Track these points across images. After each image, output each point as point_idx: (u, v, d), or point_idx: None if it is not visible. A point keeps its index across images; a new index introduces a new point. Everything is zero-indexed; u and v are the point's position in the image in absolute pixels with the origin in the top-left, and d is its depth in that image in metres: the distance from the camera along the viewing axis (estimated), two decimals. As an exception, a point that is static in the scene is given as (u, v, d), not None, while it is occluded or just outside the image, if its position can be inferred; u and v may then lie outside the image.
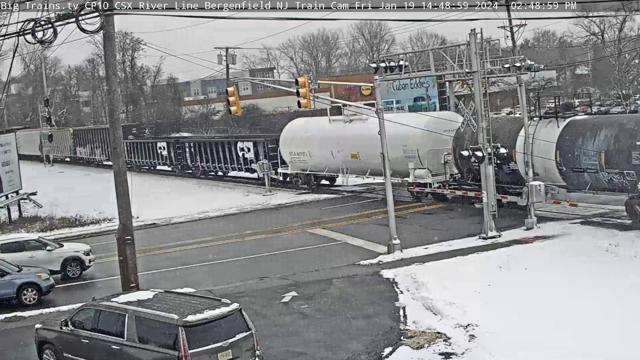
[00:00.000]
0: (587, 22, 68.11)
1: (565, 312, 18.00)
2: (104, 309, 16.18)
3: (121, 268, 21.17)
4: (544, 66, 53.04)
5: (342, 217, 35.00)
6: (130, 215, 21.49)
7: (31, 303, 23.64)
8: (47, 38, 19.46)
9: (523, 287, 20.41)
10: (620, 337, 16.15)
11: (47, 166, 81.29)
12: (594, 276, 20.70)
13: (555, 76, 75.43)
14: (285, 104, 68.87)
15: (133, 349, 15.10)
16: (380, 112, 27.39)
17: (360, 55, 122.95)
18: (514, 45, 51.58)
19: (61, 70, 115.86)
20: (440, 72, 33.39)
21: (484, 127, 27.42)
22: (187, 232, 34.96)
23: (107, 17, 20.03)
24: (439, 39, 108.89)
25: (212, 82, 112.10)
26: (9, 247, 26.71)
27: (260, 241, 31.18)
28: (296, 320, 19.87)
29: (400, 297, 21.02)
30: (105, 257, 28.12)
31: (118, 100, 23.58)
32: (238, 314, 15.35)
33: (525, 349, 16.11)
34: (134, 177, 23.51)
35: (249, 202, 41.89)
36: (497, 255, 24.60)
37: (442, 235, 28.44)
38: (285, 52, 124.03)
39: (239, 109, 35.38)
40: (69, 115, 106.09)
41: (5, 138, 43.74)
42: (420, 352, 16.77)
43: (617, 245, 23.81)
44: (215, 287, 23.59)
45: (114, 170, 21.52)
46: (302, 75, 32.08)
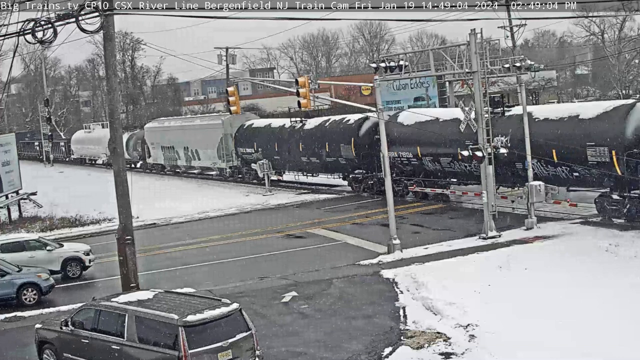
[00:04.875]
0: (587, 22, 68.07)
1: (565, 312, 18.00)
2: (104, 309, 16.17)
3: (121, 268, 21.17)
4: (544, 66, 53.06)
5: (342, 217, 35.01)
6: (130, 215, 21.49)
7: (31, 303, 23.64)
8: (47, 38, 19.46)
9: (523, 287, 20.41)
10: (620, 337, 16.15)
11: (47, 166, 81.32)
12: (594, 276, 20.68)
13: (555, 76, 75.36)
14: (285, 104, 68.77)
15: (133, 349, 15.10)
16: (380, 112, 27.40)
17: (360, 55, 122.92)
18: (514, 45, 51.60)
19: (61, 70, 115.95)
20: (440, 72, 33.40)
21: (484, 127, 27.42)
22: (187, 232, 34.98)
23: (107, 17, 20.03)
24: (439, 39, 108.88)
25: (212, 82, 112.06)
26: (9, 247, 26.71)
27: (260, 241, 31.19)
28: (296, 320, 19.86)
29: (400, 297, 21.02)
30: (105, 257, 28.12)
31: (118, 100, 23.59)
32: (238, 314, 15.35)
33: (525, 349, 16.11)
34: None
35: (249, 202, 41.93)
36: (497, 255, 24.60)
37: (442, 235, 28.44)
38: (285, 52, 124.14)
39: (239, 109, 35.48)
40: (69, 115, 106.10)
41: (5, 138, 43.81)
42: (420, 352, 16.76)
43: (617, 246, 23.79)
44: (215, 287, 23.60)
45: (114, 170, 21.52)
46: (302, 75, 32.10)
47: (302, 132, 44.80)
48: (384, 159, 27.38)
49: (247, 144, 49.27)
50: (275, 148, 46.60)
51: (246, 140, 49.50)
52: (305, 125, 44.84)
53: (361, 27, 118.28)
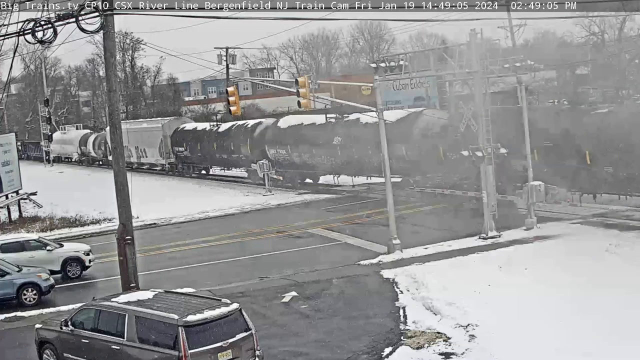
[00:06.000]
0: (587, 22, 68.02)
1: (565, 312, 17.99)
2: (104, 309, 16.17)
3: (121, 268, 21.13)
4: (543, 66, 52.93)
5: (342, 217, 35.02)
6: (130, 215, 21.46)
7: (31, 303, 23.66)
8: (47, 38, 19.43)
9: (523, 287, 20.39)
10: (621, 337, 16.14)
11: (47, 166, 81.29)
12: (594, 276, 20.66)
13: (555, 76, 75.20)
14: (285, 104, 68.83)
15: (133, 349, 15.09)
16: (380, 112, 27.39)
17: (360, 55, 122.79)
18: (514, 45, 51.55)
19: (61, 70, 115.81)
20: (440, 72, 33.34)
21: (484, 127, 27.41)
22: (187, 232, 34.98)
23: (107, 17, 20.00)
24: (439, 39, 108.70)
25: (212, 82, 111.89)
26: (9, 247, 26.73)
27: (260, 241, 31.19)
28: (296, 320, 19.87)
29: (400, 297, 21.02)
30: (105, 257, 28.11)
31: (118, 100, 23.55)
32: (238, 314, 15.35)
33: (525, 349, 16.11)
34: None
35: (249, 202, 41.92)
36: (497, 255, 24.59)
37: (442, 235, 28.42)
38: (285, 52, 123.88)
39: (239, 109, 35.33)
40: (68, 116, 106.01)
41: (6, 138, 43.78)
42: (420, 352, 16.77)
43: (618, 246, 23.80)
44: (215, 287, 23.59)
45: (114, 170, 21.49)
46: (302, 75, 32.03)
47: (216, 134, 53.74)
48: (384, 159, 27.33)
49: (180, 144, 58.94)
50: (198, 147, 56.20)
51: (179, 140, 59.01)
52: (220, 129, 53.97)
53: (361, 27, 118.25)
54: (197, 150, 56.47)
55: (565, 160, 28.65)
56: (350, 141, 39.99)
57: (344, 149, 40.84)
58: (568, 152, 28.49)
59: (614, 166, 27.19)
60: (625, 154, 26.41)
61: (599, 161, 27.51)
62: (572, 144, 28.21)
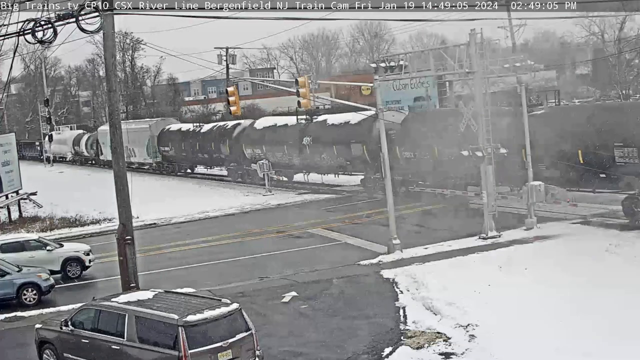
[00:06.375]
0: (587, 22, 68.05)
1: (565, 312, 17.98)
2: (104, 309, 16.17)
3: (121, 268, 21.13)
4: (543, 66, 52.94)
5: (342, 217, 35.02)
6: (130, 215, 21.46)
7: (31, 303, 23.65)
8: (47, 38, 19.42)
9: (523, 287, 20.38)
10: (621, 337, 16.14)
11: (46, 166, 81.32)
12: (594, 276, 20.66)
13: (555, 76, 75.17)
14: (285, 104, 68.83)
15: (133, 349, 15.09)
16: (380, 112, 27.39)
17: (360, 55, 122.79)
18: (513, 45, 51.53)
19: (61, 70, 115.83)
20: (440, 72, 33.33)
21: (484, 127, 27.40)
22: (187, 232, 34.98)
23: (107, 17, 20.00)
24: (439, 39, 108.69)
25: (212, 82, 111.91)
26: (9, 247, 26.72)
27: (260, 241, 31.19)
28: (296, 320, 19.87)
29: (400, 297, 21.02)
30: (105, 257, 28.11)
31: (118, 100, 23.53)
32: (238, 314, 15.35)
33: (525, 349, 16.11)
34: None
35: (249, 202, 41.94)
36: (497, 255, 24.59)
37: (442, 235, 28.42)
38: (285, 52, 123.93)
39: (239, 109, 35.40)
40: (68, 115, 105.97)
41: (6, 138, 43.77)
42: (420, 352, 16.76)
43: (618, 246, 23.80)
44: (215, 287, 23.59)
45: (114, 170, 21.51)
46: (302, 75, 32.06)
47: (199, 135, 56.06)
48: (384, 160, 27.32)
49: (166, 143, 61.54)
50: (182, 147, 58.64)
51: (165, 140, 61.59)
52: (202, 129, 56.44)
53: (361, 27, 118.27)
54: (182, 150, 59.01)
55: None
56: (318, 141, 42.88)
57: (313, 149, 43.43)
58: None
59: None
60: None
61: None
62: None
